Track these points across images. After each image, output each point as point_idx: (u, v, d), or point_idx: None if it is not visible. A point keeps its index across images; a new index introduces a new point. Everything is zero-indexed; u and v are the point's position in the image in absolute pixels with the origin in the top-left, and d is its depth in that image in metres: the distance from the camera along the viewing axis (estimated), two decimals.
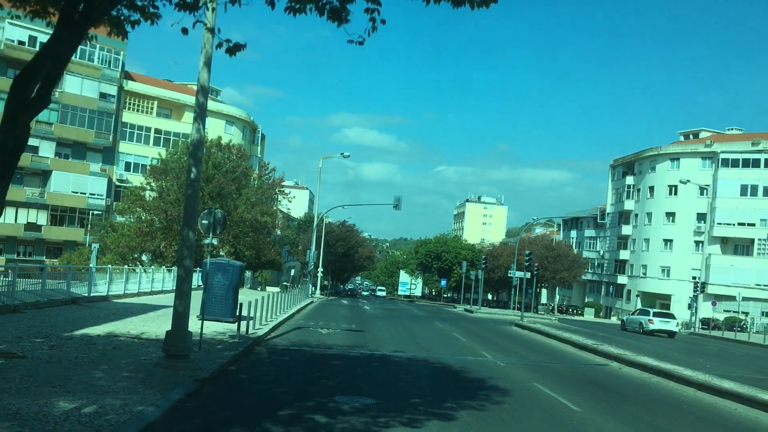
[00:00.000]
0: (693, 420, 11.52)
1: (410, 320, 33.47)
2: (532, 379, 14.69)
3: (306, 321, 26.35)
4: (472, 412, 10.36)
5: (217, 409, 9.40)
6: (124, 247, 44.04)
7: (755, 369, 22.39)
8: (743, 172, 69.61)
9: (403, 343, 20.57)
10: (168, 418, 8.46)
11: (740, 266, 69.37)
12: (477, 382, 13.66)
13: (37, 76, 5.94)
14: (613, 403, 12.41)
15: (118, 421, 7.75)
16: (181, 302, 11.72)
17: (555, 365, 18.07)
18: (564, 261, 72.43)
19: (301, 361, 14.86)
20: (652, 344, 29.97)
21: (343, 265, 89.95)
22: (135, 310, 21.32)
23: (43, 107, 6.24)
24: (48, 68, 5.93)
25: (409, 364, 15.77)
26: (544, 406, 11.58)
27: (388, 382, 12.84)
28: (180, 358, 11.66)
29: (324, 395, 10.76)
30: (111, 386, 9.62)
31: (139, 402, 8.77)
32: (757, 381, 17.02)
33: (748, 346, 37.77)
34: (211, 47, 11.39)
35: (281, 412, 9.30)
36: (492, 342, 23.85)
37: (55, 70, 6.02)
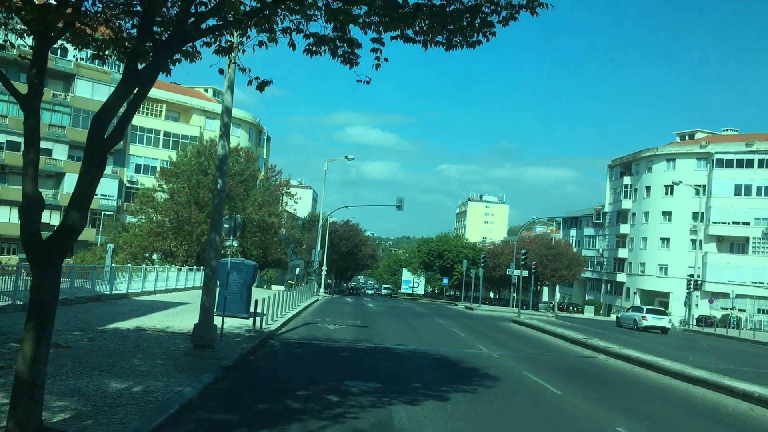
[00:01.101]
0: (662, 402, 12.98)
1: (412, 317, 34.98)
2: (522, 368, 16.18)
3: (313, 317, 27.87)
4: (465, 394, 11.85)
5: (243, 390, 10.89)
6: (136, 246, 45.58)
7: (737, 362, 23.82)
8: (737, 172, 71.00)
9: (405, 338, 22.06)
10: (203, 397, 9.96)
11: (736, 264, 70.81)
12: (471, 370, 15.15)
13: (110, 117, 7.40)
14: (593, 388, 13.90)
15: (163, 398, 9.25)
16: (208, 298, 13.23)
17: (545, 357, 19.58)
18: (563, 259, 73.88)
19: (311, 353, 16.35)
20: (642, 339, 31.43)
21: (347, 264, 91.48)
22: (155, 307, 22.84)
23: (116, 143, 7.70)
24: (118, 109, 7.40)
25: (411, 356, 17.25)
26: (529, 390, 13.07)
27: (391, 370, 14.32)
28: (206, 348, 13.18)
29: (334, 380, 12.24)
30: (150, 371, 11.13)
31: (177, 384, 10.27)
32: (732, 371, 18.46)
33: (738, 341, 39.20)
34: (234, 73, 12.88)
35: (298, 393, 10.80)
36: (489, 337, 25.35)
37: (126, 114, 7.49)
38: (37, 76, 7.16)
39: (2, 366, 10.46)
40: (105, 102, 7.46)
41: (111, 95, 7.49)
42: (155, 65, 7.50)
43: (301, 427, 8.48)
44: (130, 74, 7.59)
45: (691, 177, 72.61)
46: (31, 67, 7.18)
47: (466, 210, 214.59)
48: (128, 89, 7.47)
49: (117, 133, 7.50)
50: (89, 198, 7.52)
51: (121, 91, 7.41)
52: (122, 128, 7.63)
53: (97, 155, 7.36)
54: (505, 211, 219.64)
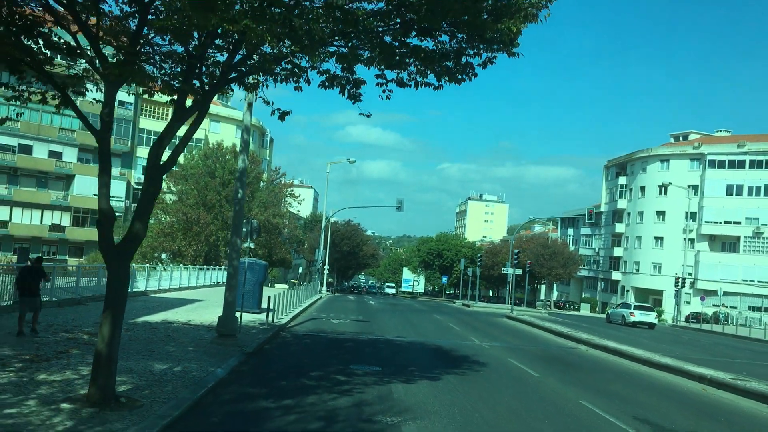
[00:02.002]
0: (626, 383, 14.85)
1: (411, 313, 36.85)
2: (508, 356, 18.05)
3: (318, 313, 29.76)
4: (455, 375, 13.73)
5: (264, 371, 12.77)
6: (146, 247, 47.47)
7: (710, 353, 25.66)
8: (729, 172, 72.79)
9: (404, 331, 23.95)
10: (232, 376, 11.84)
11: (727, 263, 72.59)
12: (462, 358, 17.03)
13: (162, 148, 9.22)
14: (568, 372, 15.78)
15: (200, 376, 11.14)
16: (231, 294, 15.12)
17: (531, 347, 21.46)
18: (559, 258, 75.73)
19: (319, 343, 18.23)
20: (627, 333, 33.27)
21: (348, 263, 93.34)
22: (173, 303, 24.73)
23: (171, 167, 9.54)
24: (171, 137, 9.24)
25: (409, 346, 19.13)
26: (512, 373, 14.96)
27: (390, 357, 16.20)
28: (229, 337, 15.07)
29: (341, 364, 14.11)
30: (184, 356, 13.01)
31: (209, 365, 12.16)
32: (701, 360, 20.29)
33: (722, 336, 41.06)
34: (254, 97, 14.75)
35: (311, 374, 12.67)
36: (482, 330, 27.22)
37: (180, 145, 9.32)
38: (108, 114, 9.03)
39: (60, 351, 12.31)
40: (159, 135, 9.32)
41: (164, 129, 9.36)
42: (204, 106, 9.37)
43: (316, 399, 10.35)
44: (179, 111, 9.48)
45: (684, 177, 74.46)
46: (104, 107, 9.05)
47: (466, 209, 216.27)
48: (178, 124, 9.34)
49: (171, 160, 9.38)
50: (149, 212, 9.39)
51: (173, 125, 9.29)
52: (176, 156, 9.51)
53: (155, 179, 9.24)
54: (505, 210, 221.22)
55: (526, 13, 9.45)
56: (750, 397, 13.06)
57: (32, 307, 14.00)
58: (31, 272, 14.28)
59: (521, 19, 9.45)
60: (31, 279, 14.11)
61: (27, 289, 13.92)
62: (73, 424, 7.53)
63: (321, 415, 9.22)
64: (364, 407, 9.90)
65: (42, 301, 15.26)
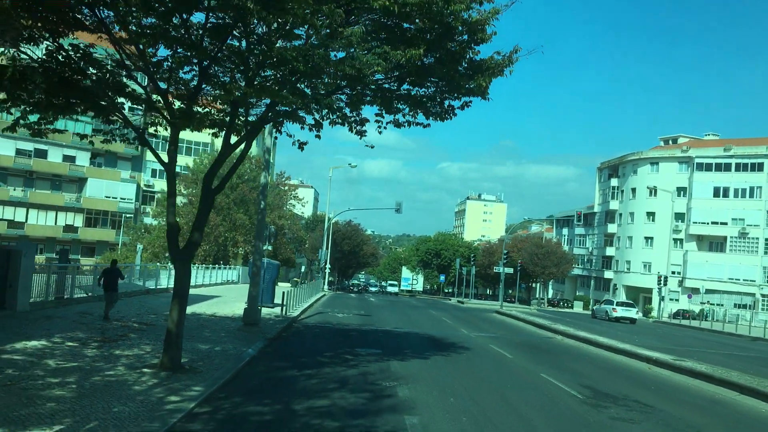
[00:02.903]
0: (586, 363, 17.70)
1: (409, 309, 39.75)
2: (490, 343, 20.93)
3: (324, 308, 32.64)
4: (442, 356, 16.59)
5: (286, 351, 15.62)
6: (158, 247, 50.30)
7: (676, 343, 28.44)
8: (716, 175, 75.64)
9: (402, 323, 26.81)
10: (261, 354, 14.67)
11: (714, 262, 75.47)
12: (450, 344, 19.90)
13: (213, 174, 12.05)
14: (539, 355, 18.65)
15: (237, 354, 13.98)
16: (255, 289, 18.01)
17: (512, 337, 24.34)
18: (552, 258, 78.57)
19: (328, 332, 21.09)
20: (607, 327, 36.10)
21: (349, 262, 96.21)
22: (195, 299, 27.51)
23: (220, 190, 12.35)
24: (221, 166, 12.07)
25: (405, 335, 22.00)
26: (490, 355, 17.83)
27: (389, 343, 19.04)
28: (253, 325, 17.95)
29: (348, 348, 16.96)
30: (219, 339, 15.86)
31: (242, 346, 15.01)
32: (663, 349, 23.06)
33: (698, 330, 43.91)
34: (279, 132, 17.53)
35: (324, 354, 15.52)
36: (471, 323, 30.10)
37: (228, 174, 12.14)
38: (174, 151, 11.86)
39: (120, 335, 15.14)
40: (211, 166, 12.16)
41: (214, 161, 12.20)
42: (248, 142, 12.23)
43: (330, 370, 13.20)
44: (226, 145, 12.33)
45: (673, 180, 77.39)
46: (170, 145, 11.87)
47: (465, 209, 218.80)
48: (225, 156, 12.18)
49: (221, 185, 12.24)
50: (204, 223, 12.24)
51: (221, 158, 12.14)
52: (225, 182, 12.37)
53: (208, 198, 12.10)
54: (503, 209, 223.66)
55: (493, 71, 12.31)
56: (682, 373, 15.92)
57: (110, 300, 17.13)
58: (110, 272, 17.46)
59: (489, 76, 12.32)
60: (111, 278, 17.25)
61: (108, 286, 17.08)
62: (158, 381, 10.38)
63: (336, 380, 12.08)
64: (368, 376, 12.76)
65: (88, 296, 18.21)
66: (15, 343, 12.50)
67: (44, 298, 18.47)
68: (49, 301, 18.66)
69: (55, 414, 7.79)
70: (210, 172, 12.13)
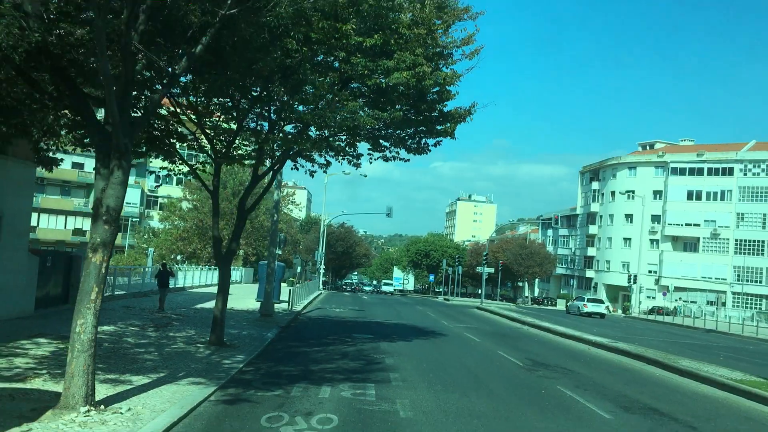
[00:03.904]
0: (539, 345, 21.72)
1: (398, 305, 43.78)
2: (464, 332, 24.95)
3: (322, 305, 36.61)
4: (423, 340, 20.60)
5: (297, 336, 19.58)
6: (165, 249, 54.12)
7: (629, 333, 32.45)
8: (690, 179, 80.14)
9: (391, 317, 30.82)
10: (278, 338, 18.62)
11: (688, 261, 79.96)
12: (431, 331, 23.91)
13: (246, 197, 16.00)
14: (501, 340, 22.69)
15: (260, 337, 17.94)
16: (270, 286, 21.96)
17: (485, 327, 28.40)
18: (536, 258, 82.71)
19: (328, 323, 25.05)
20: (575, 321, 40.18)
21: (342, 263, 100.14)
22: (210, 296, 31.36)
23: (252, 210, 16.27)
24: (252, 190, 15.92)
25: (393, 325, 25.99)
26: (462, 340, 21.85)
27: (379, 330, 23.02)
28: (268, 316, 21.90)
29: (346, 333, 20.93)
30: (243, 327, 19.80)
31: (262, 332, 18.96)
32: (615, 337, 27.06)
33: (661, 324, 48.16)
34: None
35: (328, 337, 19.49)
36: (452, 317, 34.16)
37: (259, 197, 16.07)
38: (217, 181, 15.78)
39: (166, 323, 19.04)
40: (245, 190, 16.13)
41: (247, 187, 16.15)
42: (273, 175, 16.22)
43: (334, 347, 17.16)
44: (254, 176, 16.28)
45: (650, 183, 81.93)
46: (214, 178, 15.80)
47: (455, 209, 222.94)
48: (254, 184, 16.13)
49: (253, 206, 16.19)
50: (239, 235, 16.19)
51: (252, 185, 16.09)
52: (256, 203, 16.33)
53: (243, 217, 16.05)
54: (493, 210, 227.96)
55: (457, 119, 16.34)
56: (612, 352, 20.00)
57: (163, 294, 21.25)
58: (162, 273, 21.63)
59: (454, 123, 16.35)
60: (163, 277, 21.34)
61: (160, 283, 21.19)
62: (211, 351, 14.30)
63: (338, 354, 16.05)
64: (362, 351, 16.73)
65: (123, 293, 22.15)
66: None
67: None
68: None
69: (155, 368, 11.71)
70: (244, 196, 16.11)
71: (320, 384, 11.43)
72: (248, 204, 16.28)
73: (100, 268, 8.33)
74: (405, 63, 13.39)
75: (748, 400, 12.64)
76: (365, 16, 12.99)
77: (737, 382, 13.64)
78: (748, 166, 78.13)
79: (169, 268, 23.09)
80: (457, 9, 14.14)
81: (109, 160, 8.26)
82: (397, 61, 13.41)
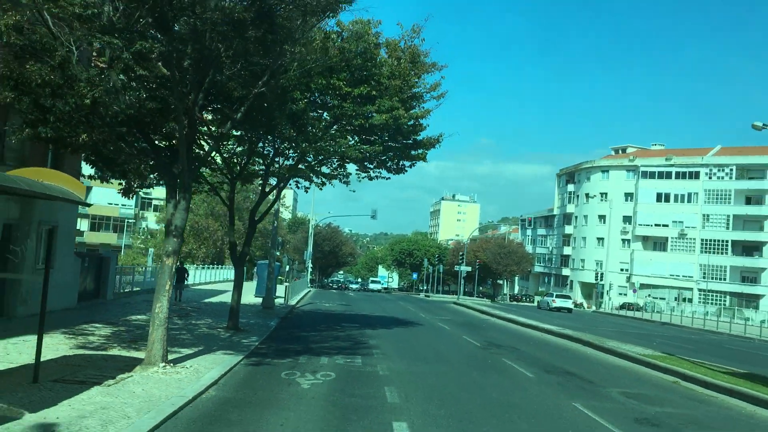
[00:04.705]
0: (501, 333, 25.55)
1: (382, 301, 47.60)
2: (439, 322, 28.78)
3: (313, 300, 40.33)
4: (402, 329, 24.40)
5: (295, 324, 23.27)
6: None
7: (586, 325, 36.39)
8: (659, 182, 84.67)
9: (375, 310, 34.59)
10: (280, 325, 22.30)
11: (658, 260, 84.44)
12: (410, 322, 27.71)
13: (256, 210, 19.61)
14: (469, 328, 26.53)
15: (265, 324, 21.63)
16: (271, 282, 25.63)
17: (458, 319, 32.26)
18: (514, 257, 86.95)
19: (320, 315, 28.76)
20: (543, 315, 44.09)
21: (329, 262, 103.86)
22: (213, 292, 35.04)
23: (260, 222, 19.89)
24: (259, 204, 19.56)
25: (377, 317, 29.76)
26: (435, 328, 25.67)
27: (365, 321, 26.77)
28: (270, 309, 25.59)
29: (336, 323, 24.66)
30: (250, 317, 23.45)
31: (266, 320, 22.65)
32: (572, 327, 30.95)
33: (624, 318, 52.37)
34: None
35: (321, 325, 23.22)
36: (430, 311, 38.01)
37: (266, 212, 19.67)
38: (232, 197, 19.44)
39: (184, 314, 22.63)
40: (255, 204, 19.82)
41: (256, 202, 19.85)
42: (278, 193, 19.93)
43: (327, 333, 20.88)
44: (262, 192, 19.98)
45: (621, 186, 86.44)
46: (230, 193, 19.46)
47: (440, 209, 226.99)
48: (262, 199, 19.83)
49: (262, 218, 19.89)
50: (251, 241, 19.89)
51: (260, 200, 19.80)
52: (264, 216, 20.02)
53: (253, 226, 19.74)
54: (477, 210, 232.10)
55: (428, 145, 20.13)
56: (559, 337, 23.92)
57: (180, 289, 24.98)
58: (180, 270, 25.29)
59: (426, 149, 20.15)
60: (180, 274, 24.98)
61: (179, 279, 24.82)
62: (230, 334, 17.95)
63: (332, 337, 19.77)
64: (351, 335, 20.47)
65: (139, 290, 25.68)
66: (130, 316, 20.04)
67: (118, 291, 25.91)
68: (122, 293, 26.11)
69: (193, 344, 15.35)
70: (254, 209, 19.80)
71: (319, 355, 15.16)
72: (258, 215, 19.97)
73: (171, 268, 11.96)
74: (384, 107, 17.17)
75: (645, 368, 16.55)
76: (353, 70, 16.77)
77: (641, 355, 17.55)
78: (713, 170, 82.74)
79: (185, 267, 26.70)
80: (426, 64, 17.93)
81: (176, 193, 11.89)
82: (378, 105, 17.19)
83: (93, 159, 12.44)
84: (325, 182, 20.14)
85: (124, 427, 7.72)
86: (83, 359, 12.08)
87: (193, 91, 11.22)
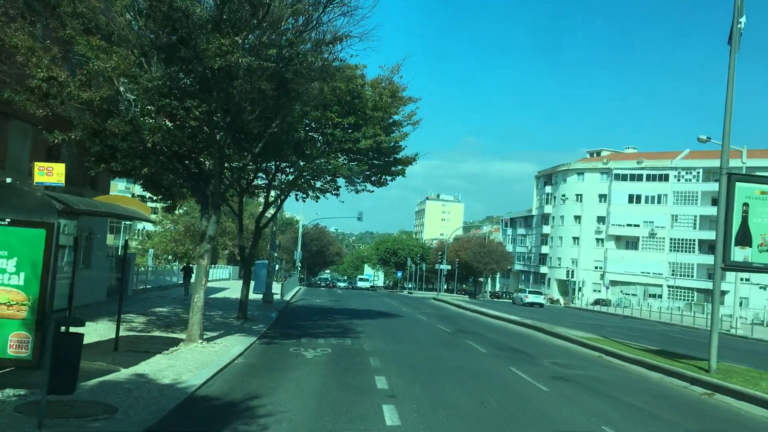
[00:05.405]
0: (471, 323, 29.31)
1: (368, 297, 51.33)
2: (418, 315, 32.53)
3: (304, 297, 43.97)
4: (385, 320, 28.12)
5: (293, 316, 26.90)
6: (160, 250, 60.81)
7: (554, 318, 40.35)
8: (631, 184, 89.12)
9: (362, 305, 38.30)
10: (279, 317, 25.92)
11: (629, 258, 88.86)
12: (392, 314, 31.43)
13: (261, 217, 23.17)
14: (443, 319, 30.30)
15: (266, 316, 25.27)
16: (270, 280, 29.25)
17: (435, 312, 36.07)
18: (494, 255, 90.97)
19: (313, 309, 32.40)
20: (516, 309, 48.00)
21: (316, 261, 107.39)
22: (214, 290, 38.49)
23: (265, 228, 23.45)
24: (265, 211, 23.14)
25: (363, 311, 33.45)
26: (415, 319, 29.43)
27: (353, 314, 30.44)
28: (269, 303, 29.22)
29: (328, 315, 28.32)
30: (253, 309, 26.96)
31: (267, 312, 26.28)
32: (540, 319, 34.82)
33: (592, 312, 56.52)
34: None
35: (315, 317, 26.88)
36: (412, 306, 41.78)
37: (271, 218, 23.24)
38: (241, 208, 23.05)
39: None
40: (260, 213, 23.46)
41: (261, 212, 23.48)
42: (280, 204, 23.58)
43: (321, 322, 24.53)
44: (265, 203, 23.60)
45: (596, 188, 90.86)
46: (239, 204, 23.07)
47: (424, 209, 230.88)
48: (265, 209, 23.46)
49: (267, 223, 23.50)
50: (256, 244, 23.47)
51: (264, 210, 23.42)
52: (269, 223, 23.64)
53: (258, 232, 23.37)
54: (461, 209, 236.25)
55: (406, 162, 23.88)
56: (519, 325, 27.76)
57: (187, 285, 28.41)
58: (186, 269, 28.71)
59: (405, 165, 23.90)
60: (187, 272, 28.45)
61: (185, 277, 28.29)
62: (241, 323, 21.54)
63: (325, 325, 23.43)
64: (341, 324, 24.13)
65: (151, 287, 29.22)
66: (154, 308, 23.59)
67: (135, 287, 29.40)
68: (138, 290, 29.60)
69: (215, 329, 18.93)
70: (259, 217, 23.41)
71: (317, 338, 18.83)
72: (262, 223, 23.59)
73: (206, 267, 15.58)
74: (369, 134, 20.88)
75: (579, 347, 20.40)
76: (343, 104, 20.47)
77: (580, 338, 21.41)
78: (681, 173, 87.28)
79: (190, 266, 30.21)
80: (404, 98, 21.67)
81: (209, 211, 15.50)
82: (364, 132, 20.91)
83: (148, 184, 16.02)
84: (319, 196, 23.81)
85: (192, 376, 11.35)
86: (136, 339, 15.68)
87: (223, 133, 14.87)
